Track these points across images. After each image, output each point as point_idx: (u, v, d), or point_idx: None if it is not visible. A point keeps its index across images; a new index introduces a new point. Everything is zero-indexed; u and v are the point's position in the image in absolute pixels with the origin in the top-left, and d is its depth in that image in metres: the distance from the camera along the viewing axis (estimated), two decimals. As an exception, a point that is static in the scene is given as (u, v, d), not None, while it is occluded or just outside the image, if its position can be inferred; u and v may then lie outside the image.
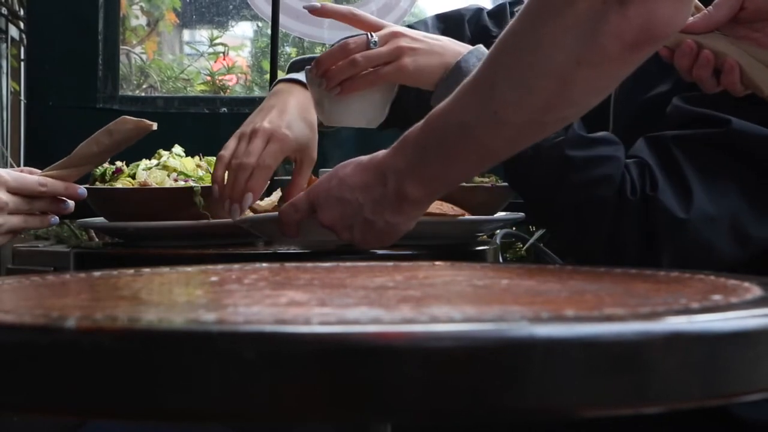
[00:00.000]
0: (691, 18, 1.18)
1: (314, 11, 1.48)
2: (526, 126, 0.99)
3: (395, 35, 1.38)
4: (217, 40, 3.90)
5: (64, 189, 1.35)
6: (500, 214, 1.64)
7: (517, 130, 1.00)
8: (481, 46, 1.39)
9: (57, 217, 1.37)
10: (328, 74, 1.36)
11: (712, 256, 1.22)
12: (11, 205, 1.30)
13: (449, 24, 1.61)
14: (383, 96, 1.40)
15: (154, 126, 1.42)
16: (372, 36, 1.37)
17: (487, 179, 1.62)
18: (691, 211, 1.21)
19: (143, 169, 1.62)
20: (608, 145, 1.27)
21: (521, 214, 1.67)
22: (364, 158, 1.17)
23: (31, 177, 1.34)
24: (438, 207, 1.50)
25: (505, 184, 1.62)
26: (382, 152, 1.15)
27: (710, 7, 1.15)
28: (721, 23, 1.14)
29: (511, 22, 0.97)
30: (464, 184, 1.57)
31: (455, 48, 1.39)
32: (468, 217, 1.51)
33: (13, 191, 1.30)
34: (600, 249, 1.25)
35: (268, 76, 3.05)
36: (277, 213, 1.29)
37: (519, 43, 0.95)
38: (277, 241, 1.39)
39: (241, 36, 4.37)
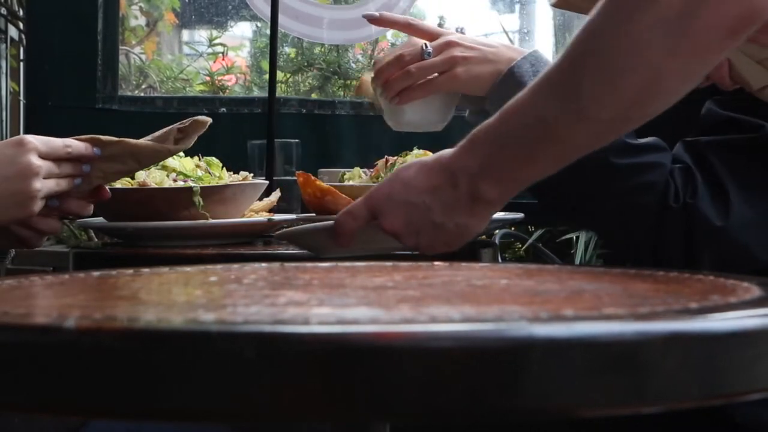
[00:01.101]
0: None
1: (373, 20, 1.50)
2: (611, 122, 0.97)
3: (449, 44, 1.41)
4: (216, 41, 3.90)
5: (84, 149, 1.36)
6: (499, 214, 1.64)
7: (601, 127, 0.98)
8: (536, 51, 1.40)
9: (80, 179, 1.37)
10: (386, 85, 1.40)
11: (752, 261, 1.22)
12: (45, 169, 1.30)
13: None
14: (445, 100, 1.45)
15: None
16: (427, 46, 1.41)
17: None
18: (729, 218, 1.21)
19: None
20: (654, 151, 1.26)
21: (520, 215, 1.67)
22: (427, 159, 1.11)
23: (57, 140, 1.34)
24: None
25: None
26: (448, 152, 1.09)
27: None
28: None
29: (586, 21, 0.95)
30: None
31: (509, 54, 1.40)
32: None
33: (43, 156, 1.31)
34: (645, 256, 1.25)
35: (267, 77, 3.05)
36: (327, 223, 1.18)
37: (602, 43, 0.92)
38: (326, 252, 1.25)
39: (240, 36, 4.37)
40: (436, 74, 1.40)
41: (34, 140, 1.31)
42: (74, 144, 1.36)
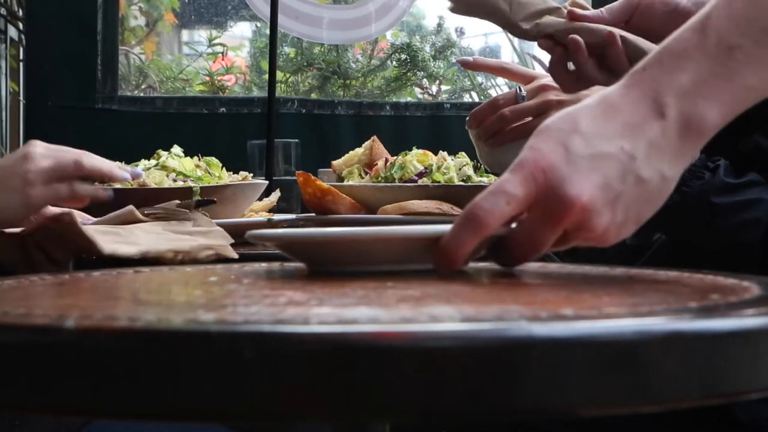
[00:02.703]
0: (587, 12, 1.26)
1: (467, 65, 1.52)
2: None
3: (544, 88, 1.43)
4: (216, 41, 3.90)
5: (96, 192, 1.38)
6: None
7: None
8: None
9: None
10: (481, 128, 1.42)
11: None
12: (42, 177, 1.31)
13: None
14: None
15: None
16: (521, 90, 1.43)
17: (486, 179, 1.62)
18: None
19: (142, 170, 1.62)
20: (754, 187, 1.26)
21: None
22: (595, 99, 0.80)
23: (68, 158, 1.34)
24: (438, 207, 1.50)
25: None
26: (624, 85, 0.80)
27: (603, 9, 1.23)
28: (609, 25, 1.21)
29: None
30: (463, 183, 1.58)
31: None
32: None
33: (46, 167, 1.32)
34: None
35: (266, 77, 3.06)
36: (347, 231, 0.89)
37: None
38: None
39: (240, 36, 4.38)
40: (530, 118, 1.42)
41: (39, 149, 1.32)
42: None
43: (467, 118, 1.48)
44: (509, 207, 0.75)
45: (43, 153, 1.32)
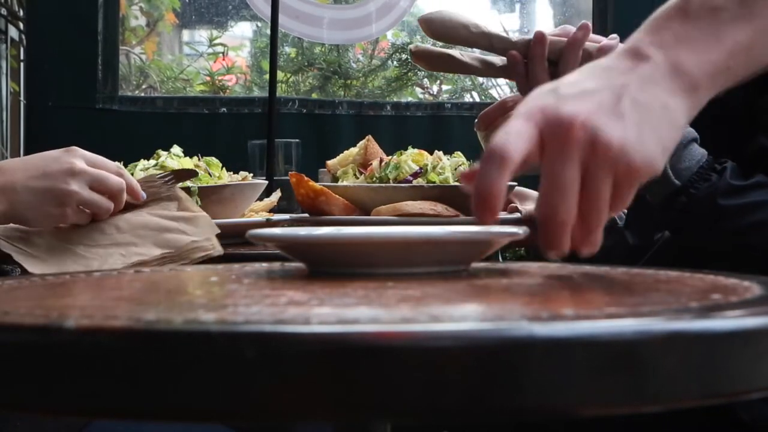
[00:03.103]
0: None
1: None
2: None
3: None
4: (217, 41, 3.90)
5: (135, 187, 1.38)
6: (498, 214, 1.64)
7: None
8: None
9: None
10: (489, 130, 1.42)
11: None
12: (88, 176, 1.32)
13: None
14: None
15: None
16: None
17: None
18: None
19: (141, 170, 1.62)
20: (761, 189, 1.27)
21: (518, 215, 1.67)
22: (594, 63, 0.81)
23: (110, 163, 1.36)
24: (432, 208, 1.49)
25: None
26: (616, 51, 0.82)
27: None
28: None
29: None
30: (458, 183, 1.58)
31: None
32: (462, 218, 1.51)
33: (90, 164, 1.33)
34: None
35: (267, 77, 3.05)
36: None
37: None
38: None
39: (241, 36, 4.38)
40: None
41: (82, 151, 1.33)
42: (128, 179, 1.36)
43: (476, 120, 1.49)
44: (522, 139, 0.73)
45: (89, 159, 1.33)
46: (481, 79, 3.84)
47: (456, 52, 1.41)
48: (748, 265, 1.22)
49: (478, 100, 3.78)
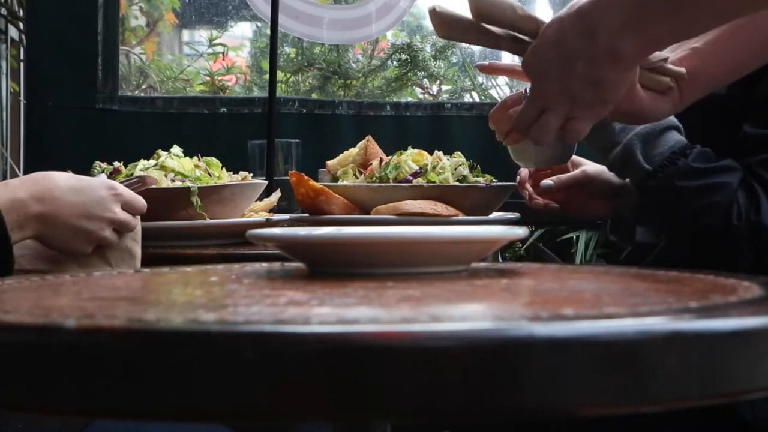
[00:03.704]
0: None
1: (484, 69, 1.56)
2: None
3: None
4: (217, 41, 3.90)
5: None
6: (495, 215, 1.64)
7: None
8: None
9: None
10: (496, 127, 1.44)
11: None
12: (119, 222, 1.36)
13: None
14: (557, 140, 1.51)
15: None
16: (527, 91, 1.48)
17: (482, 179, 1.62)
18: None
19: (140, 170, 1.62)
20: (722, 172, 1.30)
21: (517, 215, 1.67)
22: (562, 13, 1.11)
23: (140, 201, 1.39)
24: (432, 207, 1.50)
25: (500, 183, 1.62)
26: (576, 14, 1.09)
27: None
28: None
29: None
30: (458, 183, 1.58)
31: None
32: (462, 217, 1.51)
33: (124, 209, 1.36)
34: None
35: (267, 77, 3.05)
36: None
37: None
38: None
39: (241, 36, 4.37)
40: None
41: (125, 191, 1.36)
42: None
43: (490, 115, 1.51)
44: (528, 118, 1.18)
45: (125, 200, 1.36)
46: (481, 79, 3.84)
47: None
48: (747, 268, 1.24)
49: (478, 100, 3.78)
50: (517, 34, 1.26)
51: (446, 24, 1.26)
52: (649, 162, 1.33)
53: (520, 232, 0.86)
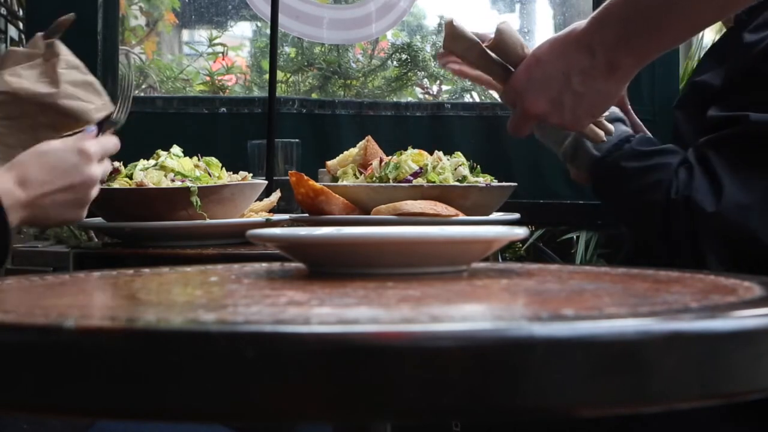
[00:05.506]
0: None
1: (454, 71, 1.60)
2: None
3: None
4: (216, 40, 3.90)
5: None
6: (495, 215, 1.64)
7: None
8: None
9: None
10: (445, 67, 1.56)
11: (759, 245, 1.30)
12: (101, 175, 1.43)
13: None
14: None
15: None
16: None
17: (482, 179, 1.61)
18: (721, 203, 1.31)
19: (140, 170, 1.62)
20: (664, 154, 1.42)
21: (516, 215, 1.67)
22: (559, 35, 1.20)
23: (111, 141, 1.47)
24: (432, 207, 1.49)
25: (500, 184, 1.62)
26: (580, 25, 1.17)
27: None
28: None
29: None
30: (458, 183, 1.58)
31: None
32: (462, 217, 1.51)
33: (100, 161, 1.42)
34: (662, 249, 1.39)
35: (267, 76, 3.05)
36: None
37: None
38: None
39: (240, 36, 4.37)
40: None
41: (94, 147, 1.40)
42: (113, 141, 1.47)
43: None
44: (525, 126, 1.26)
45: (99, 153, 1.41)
46: (480, 79, 3.83)
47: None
48: (681, 238, 1.31)
49: (478, 100, 3.78)
50: (509, 66, 1.32)
51: (455, 39, 1.32)
52: (598, 149, 1.47)
53: (520, 232, 0.86)
